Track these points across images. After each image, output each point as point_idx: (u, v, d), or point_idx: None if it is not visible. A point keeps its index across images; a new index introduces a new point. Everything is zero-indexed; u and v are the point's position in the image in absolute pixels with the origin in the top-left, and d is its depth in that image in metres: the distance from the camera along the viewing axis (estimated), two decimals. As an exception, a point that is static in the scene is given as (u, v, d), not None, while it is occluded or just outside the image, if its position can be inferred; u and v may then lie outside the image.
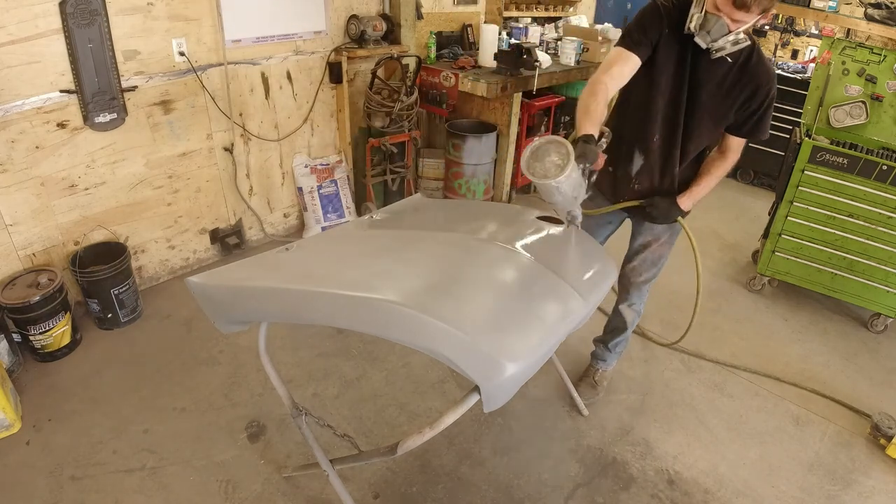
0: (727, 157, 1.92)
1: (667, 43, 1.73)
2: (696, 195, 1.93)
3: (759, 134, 1.83)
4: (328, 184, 3.65)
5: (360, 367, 2.60)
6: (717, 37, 1.61)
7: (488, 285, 1.45)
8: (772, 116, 1.81)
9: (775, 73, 1.79)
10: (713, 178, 1.92)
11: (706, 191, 1.94)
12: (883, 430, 2.32)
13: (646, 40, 1.73)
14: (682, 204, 1.93)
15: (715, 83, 1.76)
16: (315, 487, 2.00)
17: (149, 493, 1.95)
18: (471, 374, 1.24)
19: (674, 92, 1.80)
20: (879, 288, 3.02)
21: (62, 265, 2.68)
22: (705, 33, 1.62)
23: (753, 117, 1.79)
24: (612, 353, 2.46)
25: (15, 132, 2.38)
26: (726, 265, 3.73)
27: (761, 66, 1.73)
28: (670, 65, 1.77)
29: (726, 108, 1.79)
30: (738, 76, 1.74)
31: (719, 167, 1.92)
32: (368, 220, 1.98)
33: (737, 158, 1.93)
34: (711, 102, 1.79)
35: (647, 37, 1.73)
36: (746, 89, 1.74)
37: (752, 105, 1.77)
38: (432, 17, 4.14)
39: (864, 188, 2.90)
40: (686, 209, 1.95)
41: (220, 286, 1.59)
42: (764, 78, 1.73)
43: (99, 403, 2.31)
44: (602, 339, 2.48)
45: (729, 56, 1.70)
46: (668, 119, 1.84)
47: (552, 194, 1.36)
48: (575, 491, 2.06)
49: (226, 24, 2.91)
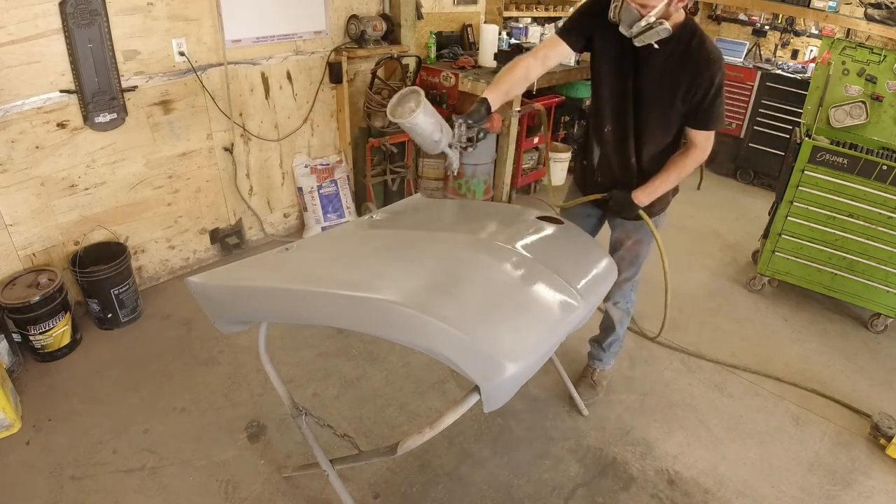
0: (689, 151, 1.84)
1: (605, 34, 1.73)
2: (653, 190, 1.88)
3: (710, 123, 1.76)
4: (328, 184, 3.65)
5: (360, 367, 2.60)
6: (630, 23, 1.61)
7: (488, 285, 1.45)
8: (721, 105, 1.73)
9: (719, 57, 1.69)
10: (672, 174, 1.86)
11: (665, 186, 1.89)
12: (883, 430, 2.32)
13: (576, 30, 1.79)
14: (637, 198, 1.90)
15: (656, 71, 1.73)
16: (315, 487, 2.00)
17: (149, 493, 1.95)
18: (471, 374, 1.24)
19: (618, 82, 1.80)
20: (879, 288, 3.02)
21: (62, 265, 2.68)
22: (622, 21, 1.63)
23: (702, 105, 1.72)
24: (606, 352, 2.46)
25: (15, 132, 2.38)
26: (726, 265, 3.73)
27: (701, 51, 1.68)
28: (611, 55, 1.78)
29: (671, 97, 1.74)
30: (678, 63, 1.69)
31: (679, 162, 1.86)
32: (368, 220, 1.98)
33: (702, 154, 1.84)
34: (655, 91, 1.76)
35: (579, 26, 1.79)
36: (687, 75, 1.69)
37: (697, 92, 1.70)
38: (432, 17, 4.14)
39: (864, 188, 2.90)
40: (641, 203, 1.91)
41: (220, 286, 1.59)
42: (704, 63, 1.67)
43: (99, 403, 2.31)
44: (596, 338, 2.48)
45: (660, 43, 1.65)
46: (616, 109, 1.85)
47: (412, 133, 1.55)
48: (575, 491, 2.06)
49: (226, 24, 2.91)
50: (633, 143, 1.88)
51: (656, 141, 1.87)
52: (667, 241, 2.03)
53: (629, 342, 2.86)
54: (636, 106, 1.81)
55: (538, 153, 4.54)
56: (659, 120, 1.82)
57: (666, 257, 1.99)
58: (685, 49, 1.68)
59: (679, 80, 1.71)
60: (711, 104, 1.72)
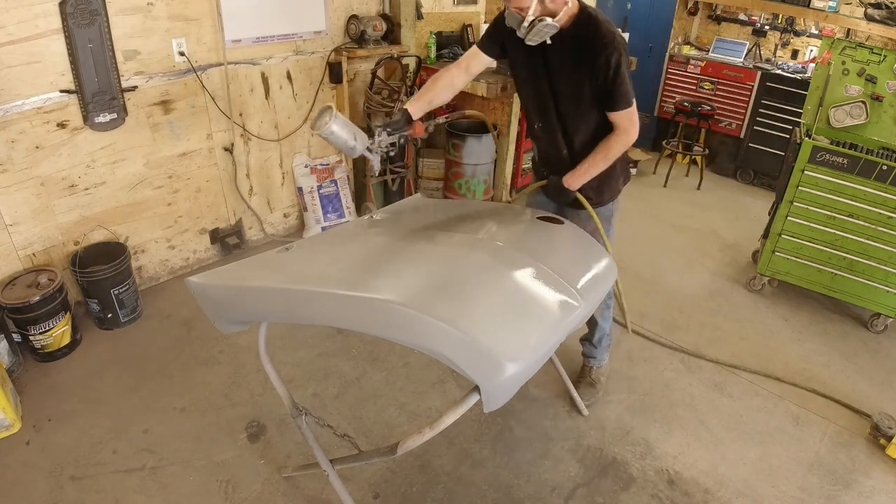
0: (613, 134, 1.88)
1: (513, 41, 1.83)
2: (582, 173, 1.94)
3: (617, 104, 1.81)
4: (328, 184, 3.65)
5: (360, 367, 2.60)
6: (516, 25, 1.73)
7: (488, 285, 1.45)
8: (626, 83, 1.77)
9: (614, 38, 1.74)
10: (598, 156, 1.90)
11: (593, 168, 1.92)
12: (883, 430, 2.32)
13: (490, 40, 1.95)
14: (567, 181, 1.96)
15: (562, 65, 1.83)
16: (315, 487, 2.00)
17: (149, 493, 1.95)
18: (471, 374, 1.24)
19: (534, 82, 1.93)
20: (879, 288, 3.02)
21: (62, 265, 2.68)
22: (513, 26, 1.75)
23: (606, 88, 1.78)
24: (598, 347, 2.46)
25: (15, 132, 2.38)
26: (726, 265, 3.73)
27: (595, 37, 1.74)
28: (522, 59, 1.91)
29: (579, 86, 1.82)
30: (578, 54, 1.78)
31: (604, 145, 1.90)
32: (368, 220, 1.98)
33: (625, 135, 1.86)
34: (565, 84, 1.86)
35: (492, 37, 1.95)
36: (587, 63, 1.76)
37: (598, 77, 1.76)
38: (432, 17, 4.14)
39: (864, 188, 2.90)
40: (571, 187, 1.96)
41: (220, 286, 1.59)
42: (599, 48, 1.73)
43: (99, 403, 2.31)
44: (585, 336, 2.49)
45: (559, 38, 1.75)
46: (538, 107, 1.98)
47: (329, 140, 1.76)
48: (575, 491, 2.06)
49: (226, 24, 2.91)
50: (560, 136, 1.99)
51: (581, 130, 1.94)
52: (667, 241, 2.05)
53: (630, 342, 2.86)
54: (554, 101, 1.92)
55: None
56: (576, 110, 1.90)
57: (607, 239, 2.06)
58: (581, 38, 1.77)
59: (581, 68, 1.79)
60: (613, 86, 1.77)
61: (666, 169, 5.09)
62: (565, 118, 1.94)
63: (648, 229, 4.10)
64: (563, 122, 1.95)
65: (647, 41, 5.51)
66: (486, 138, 3.90)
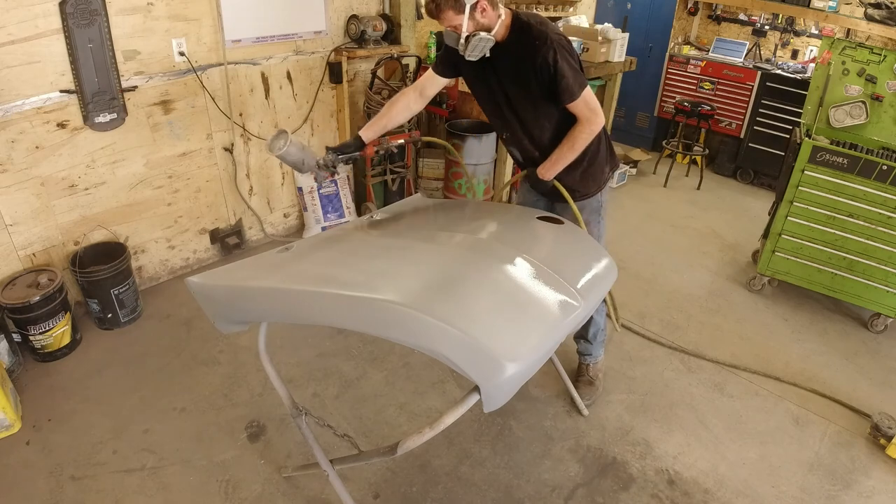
0: (576, 125, 1.93)
1: (465, 62, 1.89)
2: (553, 163, 1.99)
3: (568, 95, 1.84)
4: (328, 184, 3.65)
5: (360, 367, 2.60)
6: (455, 43, 1.81)
7: (488, 285, 1.45)
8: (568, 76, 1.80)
9: (546, 35, 1.79)
10: (565, 146, 1.95)
11: (562, 159, 1.98)
12: (883, 430, 2.32)
13: (443, 62, 2.02)
14: (540, 172, 2.02)
15: (509, 74, 1.89)
16: (315, 487, 2.00)
17: (149, 493, 1.95)
18: (471, 374, 1.24)
19: (490, 95, 2.01)
20: (879, 288, 3.01)
21: (62, 265, 2.68)
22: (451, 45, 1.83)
23: (552, 86, 1.83)
24: (593, 344, 2.46)
25: (15, 132, 2.38)
26: (726, 265, 3.73)
27: (528, 41, 1.80)
28: (474, 77, 2.01)
29: (528, 90, 1.88)
30: (520, 60, 1.83)
31: (570, 135, 1.94)
32: (368, 220, 1.98)
33: (588, 123, 1.90)
34: (516, 91, 1.92)
35: (444, 59, 2.01)
36: (528, 67, 1.82)
37: (543, 76, 1.81)
38: (432, 17, 4.14)
39: (864, 188, 2.90)
40: (545, 177, 2.02)
41: (220, 286, 1.59)
42: (532, 50, 1.79)
43: (99, 403, 2.32)
44: (580, 333, 2.49)
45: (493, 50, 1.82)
46: (500, 117, 2.04)
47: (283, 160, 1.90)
48: (575, 491, 2.06)
49: (226, 24, 2.91)
50: (527, 140, 2.04)
51: (546, 129, 1.99)
52: (667, 241, 2.06)
53: (630, 342, 2.86)
54: (511, 110, 1.99)
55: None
56: (534, 113, 1.96)
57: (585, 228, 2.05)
58: (518, 44, 1.83)
59: (525, 73, 1.85)
60: (558, 79, 1.81)
61: (666, 169, 5.09)
62: (526, 122, 1.99)
63: (648, 229, 4.10)
64: (525, 126, 2.00)
65: (647, 41, 5.51)
66: (487, 138, 3.90)
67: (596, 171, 2.10)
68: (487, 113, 2.11)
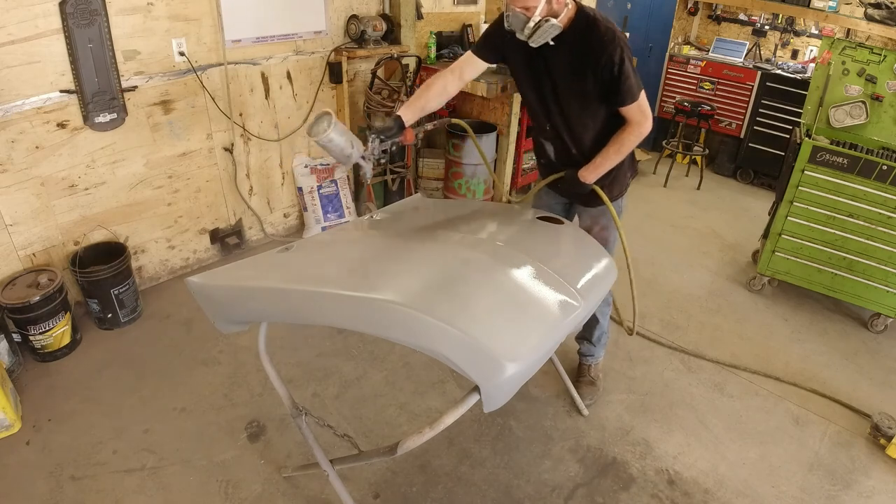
0: (625, 128, 1.89)
1: (514, 47, 1.84)
2: (597, 166, 1.94)
3: (622, 101, 1.82)
4: (328, 184, 3.65)
5: (360, 367, 2.60)
6: (520, 27, 1.72)
7: (488, 285, 1.45)
8: (631, 77, 1.78)
9: (615, 35, 1.75)
10: (611, 149, 1.91)
11: (608, 161, 1.93)
12: (883, 430, 2.32)
13: (486, 46, 1.94)
14: (582, 175, 1.96)
15: (564, 67, 1.83)
16: (315, 487, 2.00)
17: (149, 493, 1.95)
18: (471, 374, 1.24)
19: (536, 85, 1.93)
20: (879, 288, 3.02)
21: (62, 265, 2.68)
22: (514, 28, 1.74)
23: (612, 86, 1.79)
24: (596, 346, 2.47)
25: (15, 132, 2.38)
26: (726, 265, 3.73)
27: (595, 36, 1.74)
28: (523, 64, 1.91)
29: (583, 86, 1.82)
30: (580, 54, 1.78)
31: (618, 138, 1.90)
32: (368, 220, 1.98)
33: (638, 127, 1.87)
34: (568, 85, 1.86)
35: (488, 43, 1.93)
36: (590, 63, 1.77)
37: (603, 76, 1.77)
38: (432, 17, 4.14)
39: (864, 188, 2.90)
40: (586, 180, 1.96)
41: (220, 286, 1.59)
42: (599, 47, 1.74)
43: (99, 403, 2.31)
44: (583, 335, 2.49)
45: (559, 40, 1.76)
46: (543, 110, 1.98)
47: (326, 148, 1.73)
48: (575, 491, 2.06)
49: (226, 24, 2.91)
50: (567, 136, 1.98)
51: (589, 128, 1.95)
52: (667, 241, 2.06)
53: (630, 342, 2.86)
54: (557, 103, 1.92)
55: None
56: (581, 110, 1.90)
57: (624, 233, 2.02)
58: (582, 38, 1.77)
59: (584, 69, 1.80)
60: (620, 81, 1.78)
61: (666, 169, 5.09)
62: (571, 118, 1.93)
63: (648, 229, 4.10)
64: (569, 122, 1.94)
65: (647, 41, 5.51)
66: (487, 138, 3.90)
67: (621, 175, 2.07)
68: (529, 103, 2.03)
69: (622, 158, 1.93)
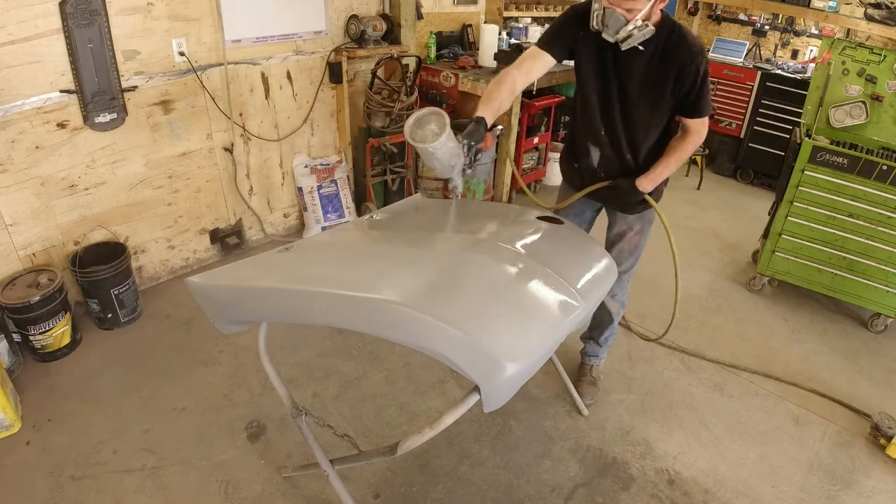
0: (686, 137, 1.90)
1: (586, 43, 1.78)
2: (656, 176, 1.94)
3: (698, 112, 1.83)
4: (328, 184, 3.65)
5: (360, 367, 2.60)
6: (617, 28, 1.65)
7: (488, 285, 1.45)
8: (709, 91, 1.81)
9: (701, 47, 1.75)
10: (672, 159, 1.92)
11: (667, 171, 1.94)
12: (883, 430, 2.32)
13: (557, 41, 1.83)
14: (641, 184, 1.94)
15: (640, 72, 1.78)
16: (315, 487, 2.00)
17: (149, 493, 1.95)
18: (471, 374, 1.24)
19: (602, 87, 1.86)
20: (879, 288, 3.02)
21: (62, 265, 2.68)
22: (607, 28, 1.67)
23: (690, 96, 1.78)
24: (603, 347, 2.47)
25: (15, 132, 2.38)
26: (726, 265, 3.73)
27: (683, 46, 1.72)
28: (593, 63, 1.83)
29: (657, 93, 1.80)
30: (661, 60, 1.75)
31: (679, 147, 1.91)
32: (368, 220, 1.98)
33: (700, 138, 1.90)
34: (640, 91, 1.81)
35: (560, 37, 1.82)
36: (673, 70, 1.74)
37: (684, 85, 1.76)
38: (432, 17, 4.14)
39: (864, 188, 2.90)
40: (645, 189, 1.95)
41: (220, 286, 1.59)
42: (687, 56, 1.72)
43: (99, 403, 2.31)
44: (590, 335, 2.49)
45: (643, 44, 1.70)
46: (605, 113, 1.90)
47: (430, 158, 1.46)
48: (575, 491, 2.06)
49: (226, 24, 2.91)
50: (625, 142, 1.93)
51: (650, 135, 1.92)
52: (667, 241, 2.05)
53: (630, 343, 2.86)
54: (623, 107, 1.87)
55: (538, 153, 4.54)
56: (648, 117, 1.87)
57: (674, 240, 2.02)
58: (666, 46, 1.73)
59: (665, 76, 1.76)
60: (699, 93, 1.77)
61: (666, 169, 5.08)
62: (636, 124, 1.88)
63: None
64: (633, 128, 1.89)
65: (647, 41, 5.50)
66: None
67: (663, 184, 2.06)
68: (588, 104, 1.91)
69: (678, 167, 1.95)
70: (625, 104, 1.86)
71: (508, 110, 3.88)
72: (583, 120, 1.98)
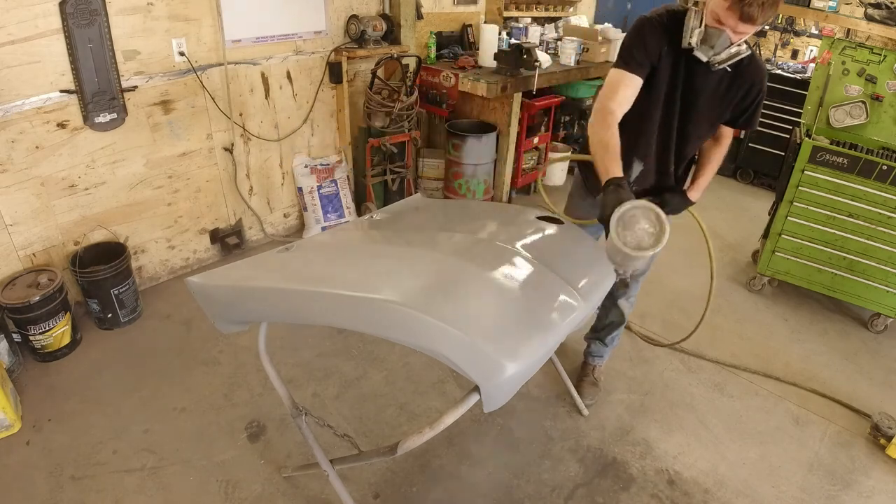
0: (722, 143, 1.97)
1: (666, 58, 1.74)
2: (703, 185, 2.02)
3: (751, 126, 1.89)
4: (328, 184, 3.65)
5: (360, 367, 2.60)
6: (720, 50, 1.61)
7: (488, 285, 1.45)
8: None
9: (766, 69, 1.88)
10: (714, 166, 2.00)
11: (710, 179, 2.03)
12: (883, 430, 2.32)
13: (647, 61, 1.72)
14: (693, 196, 2.01)
15: (711, 90, 1.78)
16: (315, 487, 2.00)
17: (149, 493, 1.95)
18: (471, 374, 1.24)
19: (669, 102, 1.81)
20: (879, 288, 3.02)
21: (62, 265, 2.68)
22: (707, 47, 1.61)
23: (746, 112, 1.84)
24: (608, 347, 2.48)
25: (15, 132, 2.38)
26: (726, 265, 3.73)
27: (754, 66, 1.75)
28: (666, 78, 1.77)
29: (722, 111, 1.84)
30: (732, 80, 1.76)
31: (718, 155, 1.99)
32: (368, 220, 1.98)
33: (730, 142, 1.99)
34: (708, 108, 1.82)
35: (649, 57, 1.72)
36: (741, 90, 1.78)
37: (745, 103, 1.81)
38: (432, 17, 4.14)
39: (864, 188, 2.90)
40: (696, 199, 2.03)
41: (220, 286, 1.59)
42: (757, 77, 1.77)
43: (99, 403, 2.31)
44: (597, 335, 2.48)
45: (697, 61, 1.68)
46: (664, 128, 1.87)
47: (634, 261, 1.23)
48: (575, 491, 2.06)
49: (226, 24, 2.91)
50: (675, 155, 1.94)
51: (695, 149, 1.99)
52: (666, 242, 2.02)
53: (630, 343, 2.86)
54: (685, 122, 1.85)
55: (538, 153, 4.54)
56: (705, 132, 1.92)
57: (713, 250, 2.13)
58: (737, 66, 1.72)
59: (735, 93, 1.79)
60: (755, 111, 1.84)
61: (666, 169, 5.08)
62: (691, 138, 1.88)
63: (648, 229, 4.09)
64: (687, 141, 1.89)
65: (647, 41, 5.49)
66: (487, 138, 3.90)
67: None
68: (649, 120, 1.84)
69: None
70: (685, 119, 1.84)
71: (508, 110, 3.88)
72: (632, 133, 1.84)
